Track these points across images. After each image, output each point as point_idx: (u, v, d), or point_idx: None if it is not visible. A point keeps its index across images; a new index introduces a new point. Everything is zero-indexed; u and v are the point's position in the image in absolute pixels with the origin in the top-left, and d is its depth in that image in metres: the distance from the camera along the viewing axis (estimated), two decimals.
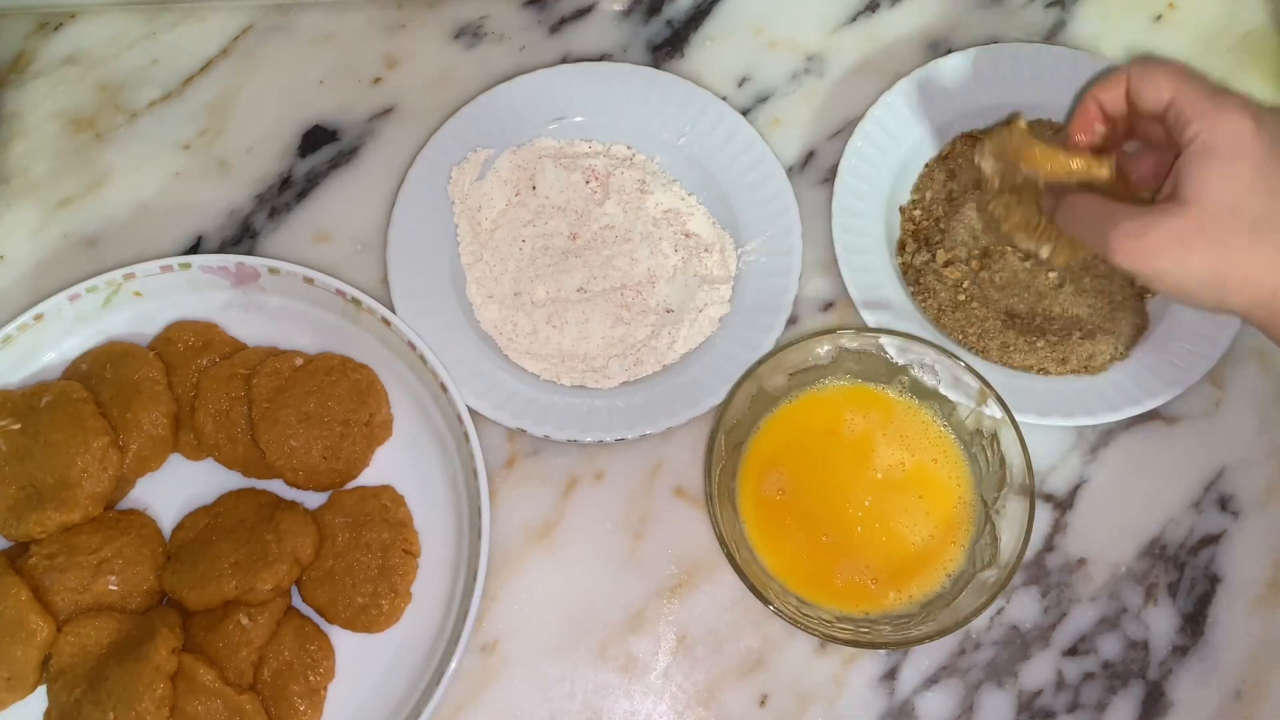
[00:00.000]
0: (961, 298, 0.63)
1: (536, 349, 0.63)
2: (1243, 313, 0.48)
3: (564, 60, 0.71)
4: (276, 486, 0.61)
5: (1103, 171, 0.54)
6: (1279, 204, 0.47)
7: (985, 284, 0.63)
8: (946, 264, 0.64)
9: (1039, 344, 0.62)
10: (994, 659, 0.59)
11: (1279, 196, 0.47)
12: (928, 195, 0.66)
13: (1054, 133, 0.67)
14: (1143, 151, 0.56)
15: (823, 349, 0.59)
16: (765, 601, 0.53)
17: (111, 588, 0.57)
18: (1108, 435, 0.63)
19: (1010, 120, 0.57)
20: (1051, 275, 0.63)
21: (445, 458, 0.61)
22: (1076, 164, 0.54)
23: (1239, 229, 0.47)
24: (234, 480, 0.61)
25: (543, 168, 0.67)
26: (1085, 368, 0.62)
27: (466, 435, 0.59)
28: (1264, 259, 0.47)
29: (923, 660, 0.59)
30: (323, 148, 0.69)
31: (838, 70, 0.71)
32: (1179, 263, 0.47)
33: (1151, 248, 0.47)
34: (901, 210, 0.67)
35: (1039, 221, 0.56)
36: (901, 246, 0.66)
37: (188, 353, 0.63)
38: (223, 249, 0.67)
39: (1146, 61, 0.52)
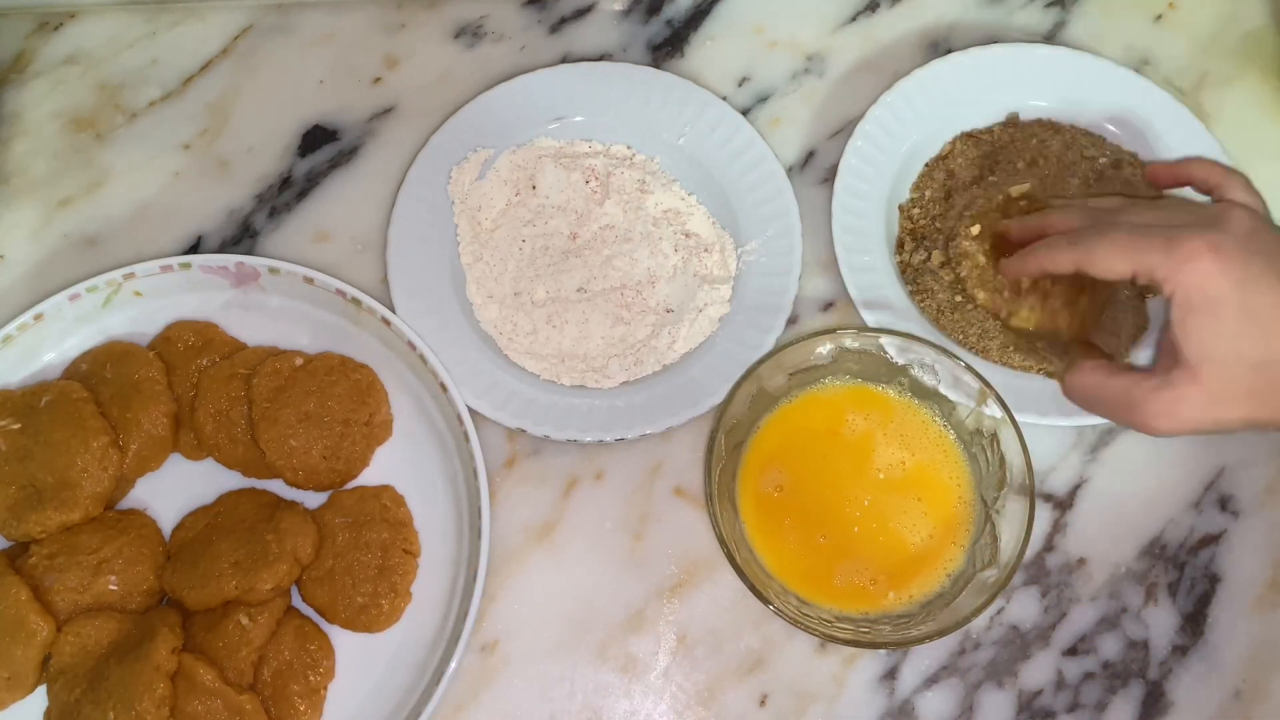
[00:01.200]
0: (959, 298, 0.63)
1: (536, 349, 0.63)
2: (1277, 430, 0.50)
3: (564, 60, 0.71)
4: (276, 486, 0.61)
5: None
6: (1270, 342, 0.48)
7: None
8: (943, 264, 0.64)
9: (1039, 344, 0.62)
10: (994, 659, 0.59)
11: (1269, 335, 0.48)
12: (927, 194, 0.66)
13: (1054, 132, 0.67)
14: None
15: (823, 349, 0.59)
16: (765, 601, 0.53)
17: (111, 588, 0.57)
18: (1108, 435, 0.63)
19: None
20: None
21: (445, 458, 0.61)
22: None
23: (1246, 381, 0.48)
24: (234, 480, 0.61)
25: (543, 168, 0.67)
26: None
27: (466, 435, 0.59)
28: (1276, 400, 0.48)
29: (923, 660, 0.59)
30: (323, 148, 0.69)
31: (838, 70, 0.71)
32: (1213, 423, 0.50)
33: (1186, 420, 0.49)
34: (901, 209, 0.67)
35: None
36: (900, 245, 0.66)
37: (188, 353, 0.63)
38: (223, 249, 0.67)
39: (1086, 244, 0.52)
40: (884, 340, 0.58)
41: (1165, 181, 0.58)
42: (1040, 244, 0.55)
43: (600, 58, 0.71)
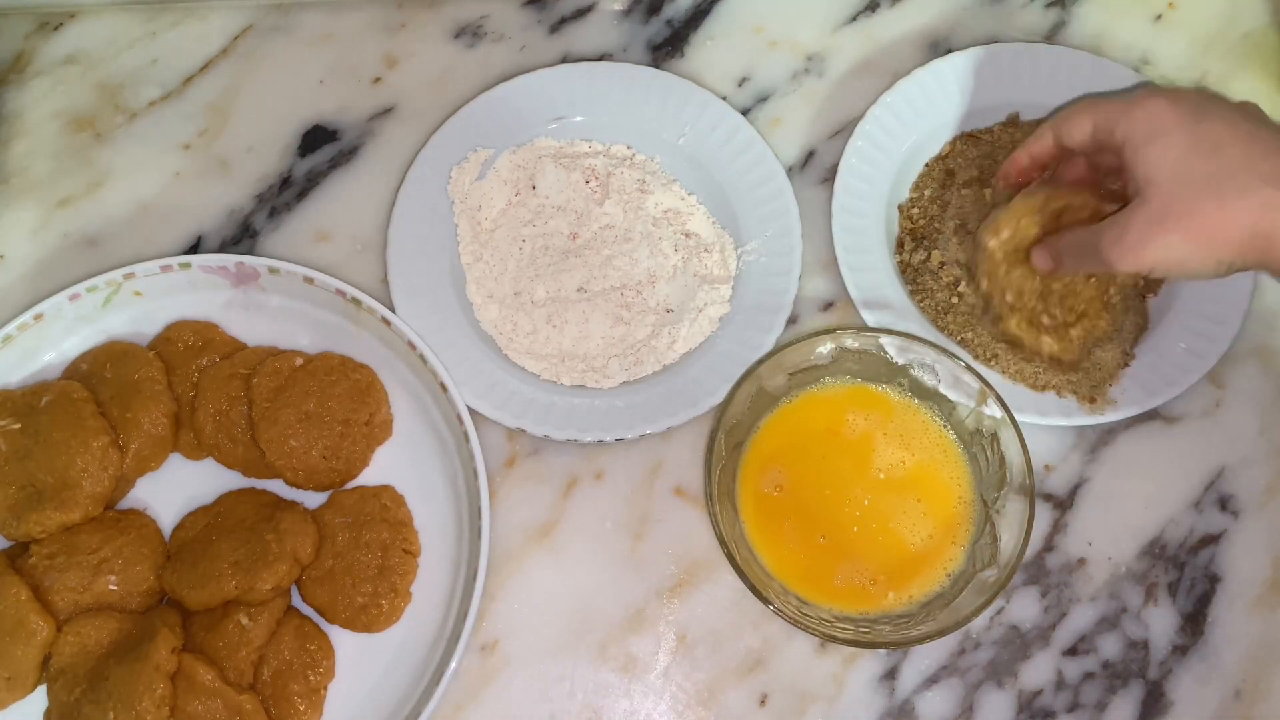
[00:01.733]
0: (955, 300, 0.63)
1: (536, 349, 0.64)
2: (1240, 263, 0.50)
3: (564, 60, 0.71)
4: (276, 486, 0.61)
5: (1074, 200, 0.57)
6: (1219, 158, 0.49)
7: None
8: (941, 265, 0.64)
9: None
10: (994, 659, 0.59)
11: (1218, 151, 0.49)
12: (926, 194, 0.66)
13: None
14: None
15: (823, 349, 0.59)
16: (765, 601, 0.53)
17: (111, 587, 0.57)
18: (1108, 435, 0.63)
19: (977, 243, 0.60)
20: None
21: (445, 457, 0.61)
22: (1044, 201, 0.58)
23: (1198, 192, 0.49)
24: (234, 480, 0.61)
25: (543, 168, 0.67)
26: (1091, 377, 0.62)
27: (466, 435, 0.59)
28: (1230, 209, 0.49)
29: (923, 660, 0.59)
30: (323, 148, 0.69)
31: (838, 70, 0.71)
32: (1165, 245, 0.50)
33: (1136, 242, 0.50)
34: (900, 209, 0.67)
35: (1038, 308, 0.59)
36: (900, 245, 0.66)
37: (188, 353, 0.63)
38: (223, 249, 0.67)
39: (1063, 111, 0.56)
40: (884, 340, 0.58)
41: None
42: (1027, 142, 0.58)
43: (600, 58, 0.71)
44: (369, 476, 0.61)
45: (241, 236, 0.67)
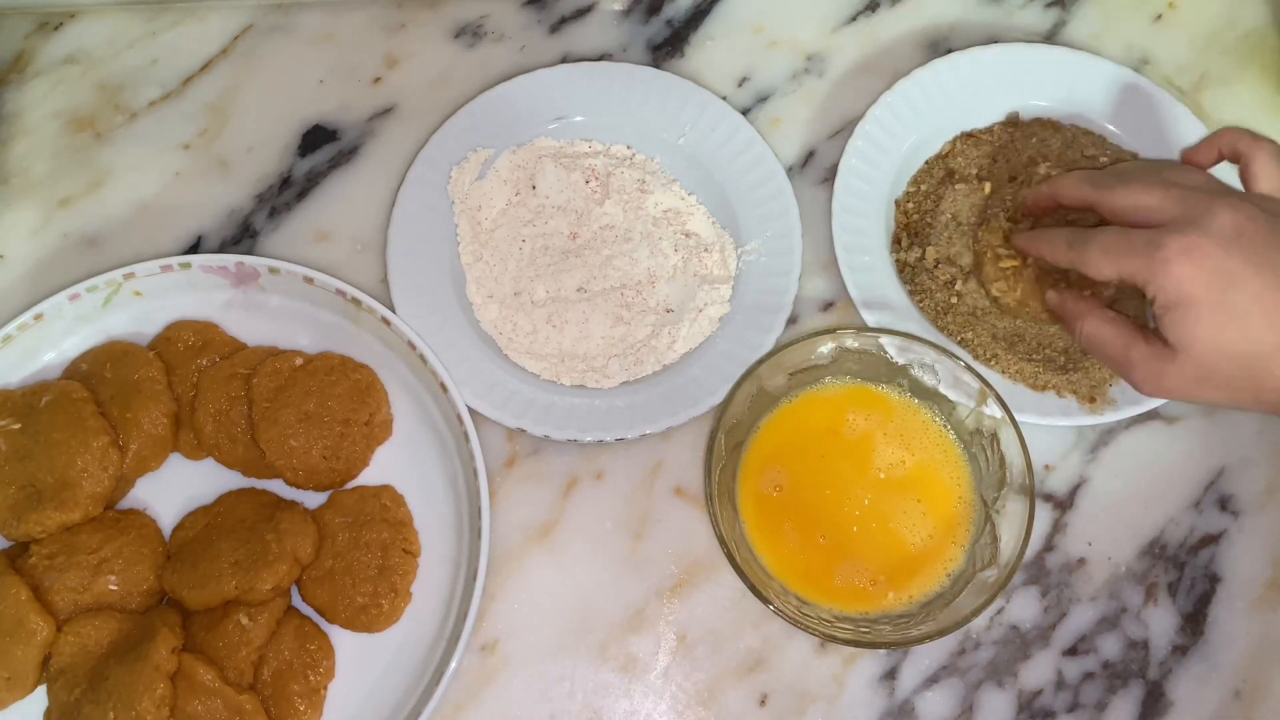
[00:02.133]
0: (953, 300, 0.63)
1: (536, 349, 0.64)
2: (1271, 413, 0.52)
3: (564, 60, 0.71)
4: (276, 486, 0.61)
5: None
6: (1248, 333, 0.50)
7: (978, 294, 0.63)
8: (937, 263, 0.64)
9: (1036, 357, 0.62)
10: (994, 659, 0.59)
11: (1246, 327, 0.50)
12: (922, 188, 0.66)
13: (1054, 132, 0.67)
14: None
15: (823, 349, 0.59)
16: (765, 601, 0.53)
17: (111, 587, 0.57)
18: (1108, 435, 0.63)
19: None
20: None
21: (445, 457, 0.61)
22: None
23: (1233, 368, 0.50)
24: (234, 480, 0.61)
25: (543, 167, 0.67)
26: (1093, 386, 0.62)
27: (466, 435, 0.59)
28: (1265, 385, 0.50)
29: (923, 660, 0.59)
30: (323, 147, 0.69)
31: (838, 70, 0.71)
32: (1195, 399, 0.53)
33: (1170, 389, 0.52)
34: (896, 204, 0.67)
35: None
36: (897, 242, 0.66)
37: (188, 352, 0.63)
38: (223, 249, 0.67)
39: (1080, 248, 0.54)
40: (884, 340, 0.58)
41: (1204, 163, 0.58)
42: (1046, 234, 0.57)
43: (600, 58, 0.71)
44: (369, 476, 0.61)
45: (241, 236, 0.67)
